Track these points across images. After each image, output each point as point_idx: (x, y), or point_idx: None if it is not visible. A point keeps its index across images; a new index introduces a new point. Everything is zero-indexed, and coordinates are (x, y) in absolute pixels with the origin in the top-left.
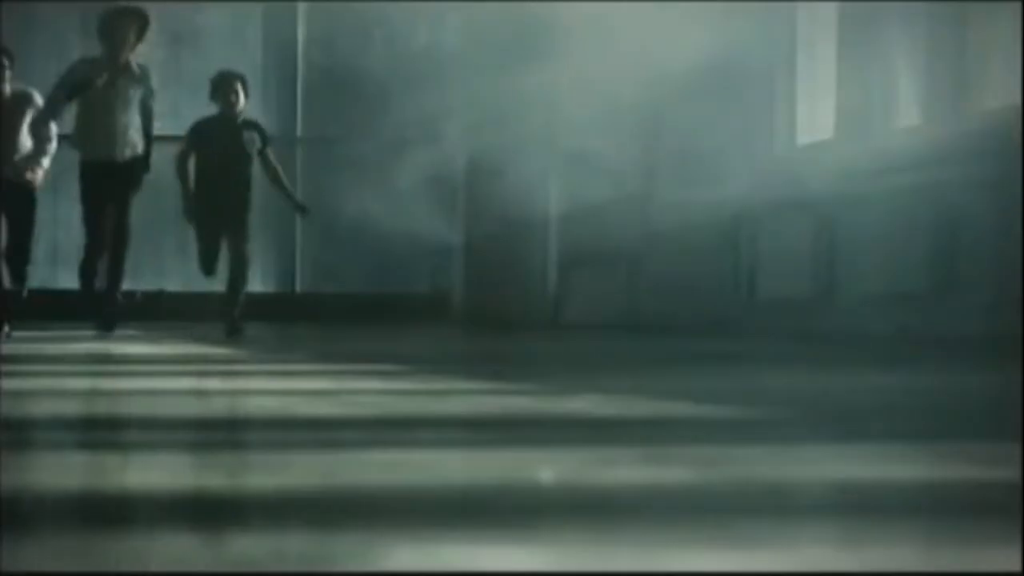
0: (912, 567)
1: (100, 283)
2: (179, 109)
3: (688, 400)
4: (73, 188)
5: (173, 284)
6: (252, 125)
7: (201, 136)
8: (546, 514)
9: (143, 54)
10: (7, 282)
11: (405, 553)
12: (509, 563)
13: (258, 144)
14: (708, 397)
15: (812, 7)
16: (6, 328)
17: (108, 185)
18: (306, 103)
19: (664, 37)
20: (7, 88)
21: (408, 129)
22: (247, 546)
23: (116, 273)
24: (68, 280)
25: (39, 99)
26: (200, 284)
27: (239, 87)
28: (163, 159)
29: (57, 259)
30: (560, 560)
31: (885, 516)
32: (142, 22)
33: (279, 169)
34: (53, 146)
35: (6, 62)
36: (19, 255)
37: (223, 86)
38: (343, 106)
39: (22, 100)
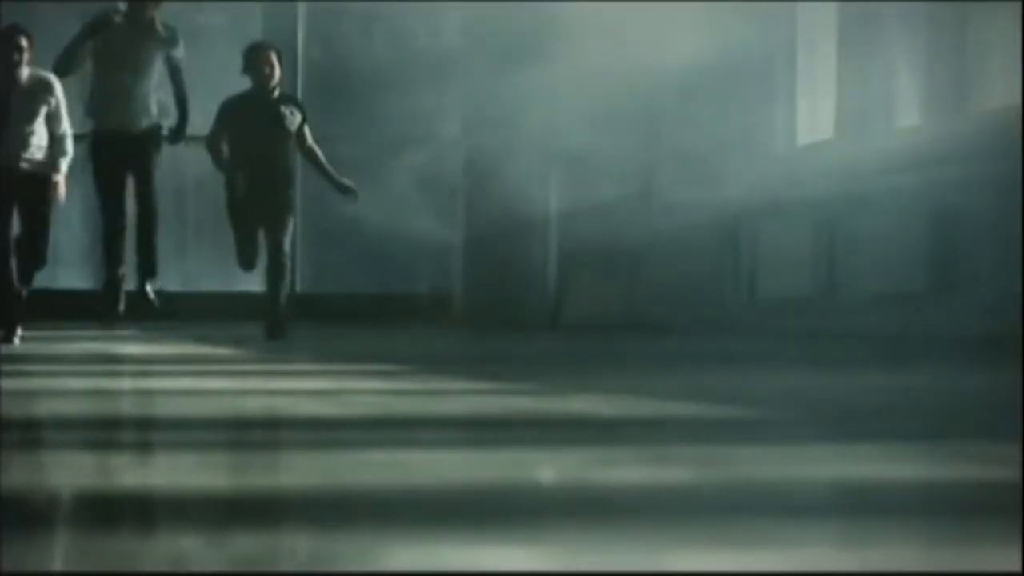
0: (912, 567)
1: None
2: None
3: (688, 400)
4: (74, 184)
5: (172, 284)
6: (289, 99)
7: (233, 115)
8: (546, 514)
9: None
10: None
11: (405, 553)
12: (509, 563)
13: (297, 120)
14: (708, 397)
15: (812, 7)
16: (18, 331)
17: (123, 158)
18: (306, 102)
19: (664, 37)
20: (24, 72)
21: (408, 128)
22: (248, 545)
23: (148, 256)
24: (68, 280)
25: (59, 88)
26: (199, 284)
27: (273, 58)
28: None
29: (57, 259)
30: (560, 560)
31: (885, 516)
32: None
33: (317, 149)
34: (69, 145)
35: (23, 43)
36: (33, 256)
37: (255, 58)
38: (343, 106)
39: (40, 87)
